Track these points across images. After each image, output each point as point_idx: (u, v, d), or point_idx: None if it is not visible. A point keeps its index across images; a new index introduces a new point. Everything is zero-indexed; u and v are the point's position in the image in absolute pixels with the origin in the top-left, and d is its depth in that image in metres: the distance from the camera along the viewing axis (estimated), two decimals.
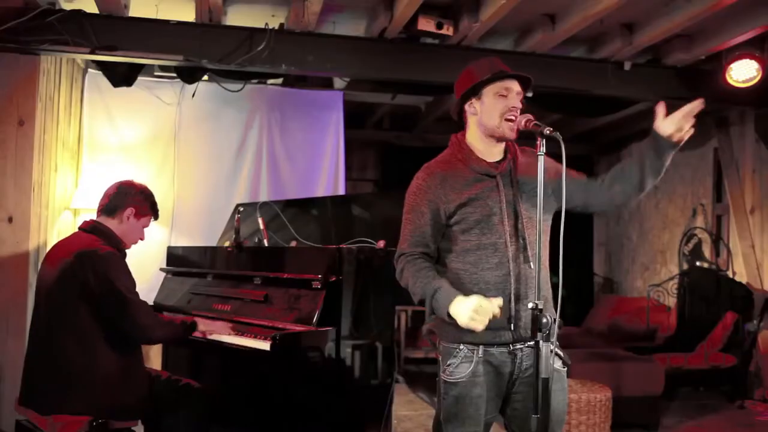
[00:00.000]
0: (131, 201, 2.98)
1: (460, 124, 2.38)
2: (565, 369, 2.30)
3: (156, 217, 3.13)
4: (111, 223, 2.96)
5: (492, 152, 2.28)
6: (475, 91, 2.26)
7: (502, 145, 2.30)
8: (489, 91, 2.24)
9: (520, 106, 2.23)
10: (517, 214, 2.20)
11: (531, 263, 2.18)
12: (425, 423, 4.99)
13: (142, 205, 3.01)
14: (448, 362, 2.22)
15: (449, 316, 2.09)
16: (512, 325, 2.16)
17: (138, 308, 2.80)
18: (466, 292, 2.15)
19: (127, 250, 3.03)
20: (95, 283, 2.72)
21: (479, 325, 2.03)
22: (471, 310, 2.02)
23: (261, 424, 3.39)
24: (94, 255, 2.77)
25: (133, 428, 2.89)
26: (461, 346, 2.20)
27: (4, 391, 4.11)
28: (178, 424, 2.92)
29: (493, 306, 2.04)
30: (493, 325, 2.13)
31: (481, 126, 2.27)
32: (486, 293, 2.15)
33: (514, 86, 2.24)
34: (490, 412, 2.23)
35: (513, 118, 2.20)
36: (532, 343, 2.12)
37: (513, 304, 2.16)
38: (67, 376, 2.72)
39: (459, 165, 2.26)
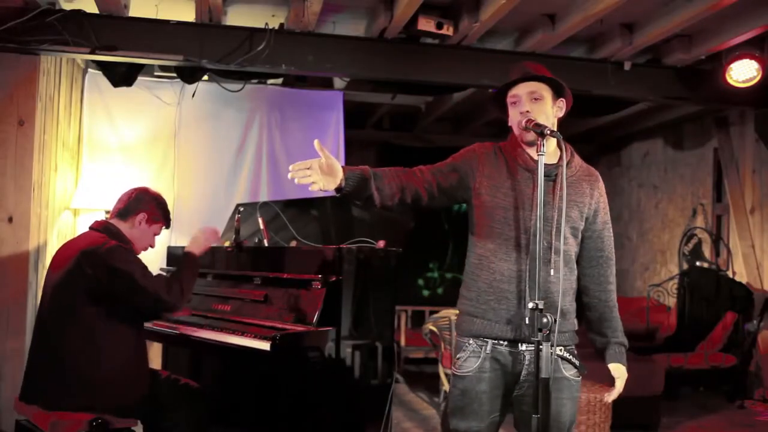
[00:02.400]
0: (144, 207, 3.04)
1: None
2: (579, 379, 2.30)
3: (168, 226, 3.18)
4: (123, 226, 3.01)
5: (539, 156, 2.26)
6: (502, 109, 2.34)
7: (554, 149, 2.27)
8: (508, 103, 2.31)
9: (527, 109, 2.22)
10: (548, 217, 2.18)
11: (552, 269, 2.16)
12: (425, 423, 4.99)
13: (155, 212, 3.08)
14: (458, 356, 2.27)
15: None
16: (519, 322, 2.16)
17: (157, 286, 2.81)
18: (483, 279, 2.22)
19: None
20: (105, 278, 2.74)
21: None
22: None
23: (261, 424, 3.39)
24: (98, 251, 2.79)
25: (132, 428, 2.89)
26: (470, 341, 2.24)
27: (4, 391, 4.11)
28: (177, 424, 2.92)
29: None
30: (501, 320, 2.18)
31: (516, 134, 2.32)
32: (500, 284, 2.19)
33: (521, 90, 2.25)
34: (495, 410, 2.24)
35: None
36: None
37: (525, 303, 2.14)
38: (69, 373, 2.73)
39: (507, 154, 2.30)
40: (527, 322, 2.12)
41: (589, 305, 2.38)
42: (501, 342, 2.20)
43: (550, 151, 2.25)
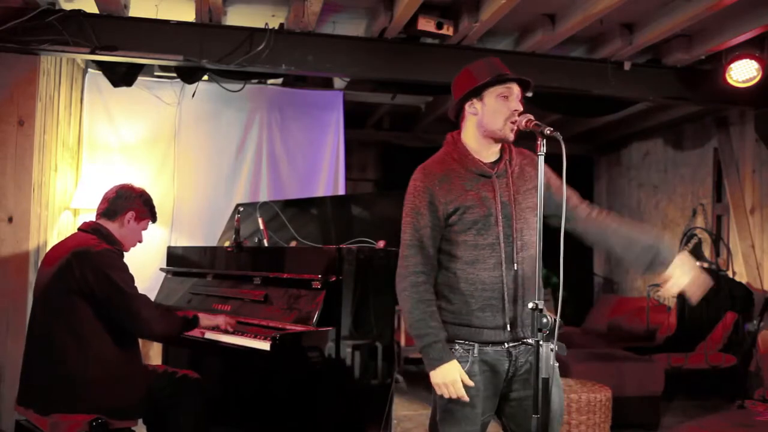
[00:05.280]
0: (131, 205, 3.01)
1: (457, 124, 2.38)
2: (557, 364, 2.30)
3: (154, 220, 3.15)
4: (111, 227, 2.98)
5: (488, 152, 2.28)
6: (476, 92, 2.26)
7: (498, 146, 2.30)
8: (491, 93, 2.24)
9: (521, 108, 2.23)
10: (512, 215, 2.21)
11: (526, 264, 2.19)
12: (425, 423, 4.98)
13: (142, 209, 3.04)
14: None
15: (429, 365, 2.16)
16: (508, 325, 2.18)
17: (139, 302, 2.79)
18: (463, 293, 2.19)
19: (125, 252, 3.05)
20: (93, 280, 2.73)
21: (445, 393, 2.13)
22: (445, 382, 2.12)
23: (261, 424, 3.39)
24: (90, 252, 2.78)
25: (133, 428, 2.88)
26: (456, 346, 2.20)
27: (4, 391, 4.11)
28: (177, 417, 2.92)
29: (459, 391, 2.12)
30: (488, 325, 2.17)
31: (480, 127, 2.26)
32: (482, 293, 2.18)
33: (515, 88, 2.24)
34: (486, 411, 2.23)
35: (516, 120, 2.20)
36: (528, 341, 2.19)
37: (508, 304, 2.17)
38: (64, 375, 2.72)
39: (455, 165, 2.26)
40: (518, 322, 2.17)
41: (606, 246, 2.32)
42: (487, 344, 2.19)
43: (494, 150, 2.28)
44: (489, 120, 2.24)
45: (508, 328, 2.17)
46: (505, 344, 2.19)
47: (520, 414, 2.23)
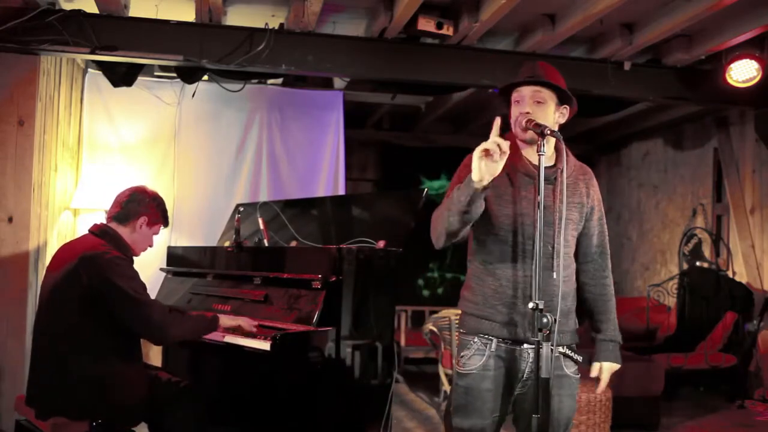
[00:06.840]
0: (144, 210, 2.97)
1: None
2: (578, 376, 2.32)
3: (166, 225, 3.11)
4: (123, 231, 2.94)
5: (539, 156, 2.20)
6: (507, 104, 2.33)
7: (551, 150, 2.29)
8: (512, 101, 2.30)
9: (526, 109, 2.22)
10: (550, 221, 2.20)
11: (554, 272, 2.17)
12: (425, 423, 4.99)
13: (155, 214, 3.00)
14: (462, 353, 2.29)
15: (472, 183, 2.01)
16: (524, 325, 2.19)
17: (150, 308, 2.74)
18: (489, 285, 2.23)
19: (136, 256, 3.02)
20: (102, 289, 2.68)
21: (489, 147, 1.95)
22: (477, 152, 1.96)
23: (261, 424, 3.39)
24: (99, 259, 2.73)
25: (134, 429, 2.88)
26: (475, 339, 2.25)
27: (4, 391, 4.11)
28: (177, 422, 2.91)
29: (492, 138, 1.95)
30: (506, 321, 2.20)
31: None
32: (506, 290, 2.21)
33: (526, 91, 2.25)
34: (498, 408, 2.25)
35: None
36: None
37: (524, 306, 2.17)
38: (66, 379, 2.70)
39: (507, 162, 2.21)
40: (526, 328, 2.18)
41: (584, 300, 2.41)
42: (506, 341, 2.23)
43: (548, 154, 2.23)
44: (512, 126, 2.29)
45: (524, 328, 2.19)
46: (524, 344, 2.22)
47: (527, 416, 2.24)
